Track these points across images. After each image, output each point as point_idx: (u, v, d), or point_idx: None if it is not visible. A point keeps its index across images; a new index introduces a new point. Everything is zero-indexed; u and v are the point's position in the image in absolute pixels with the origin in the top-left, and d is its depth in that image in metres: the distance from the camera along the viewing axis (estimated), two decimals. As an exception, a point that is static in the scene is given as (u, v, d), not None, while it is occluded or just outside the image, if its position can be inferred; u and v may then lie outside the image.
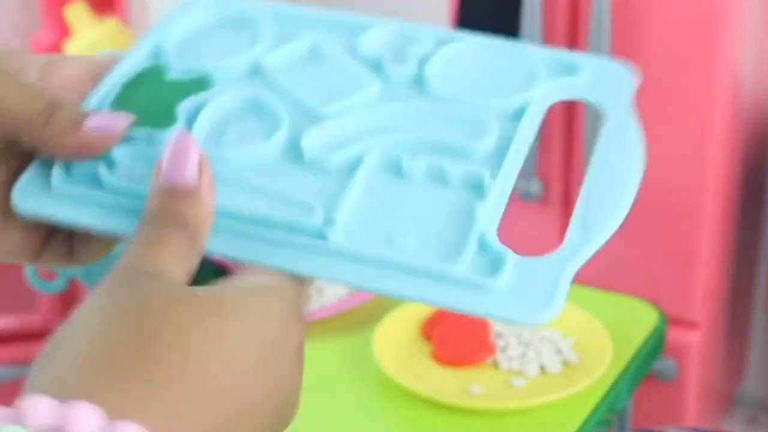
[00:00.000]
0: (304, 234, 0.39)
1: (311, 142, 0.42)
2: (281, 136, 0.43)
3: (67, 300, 1.80)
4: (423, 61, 0.45)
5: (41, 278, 1.48)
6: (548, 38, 1.41)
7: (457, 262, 0.38)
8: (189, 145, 0.38)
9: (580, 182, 1.65)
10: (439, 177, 0.41)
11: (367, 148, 0.42)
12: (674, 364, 1.50)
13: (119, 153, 0.42)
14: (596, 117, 1.38)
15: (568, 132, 1.46)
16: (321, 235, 0.39)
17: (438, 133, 0.42)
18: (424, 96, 0.44)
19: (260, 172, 0.42)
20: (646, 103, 1.52)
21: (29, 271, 1.47)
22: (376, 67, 0.45)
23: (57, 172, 0.41)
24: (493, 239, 0.40)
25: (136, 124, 0.42)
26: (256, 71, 0.45)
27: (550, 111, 0.45)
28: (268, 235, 0.40)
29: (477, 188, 0.41)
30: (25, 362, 1.75)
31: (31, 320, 1.78)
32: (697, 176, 1.39)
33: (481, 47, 0.46)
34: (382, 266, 0.38)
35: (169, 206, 0.37)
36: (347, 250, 0.39)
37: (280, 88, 0.44)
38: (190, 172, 0.38)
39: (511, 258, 0.39)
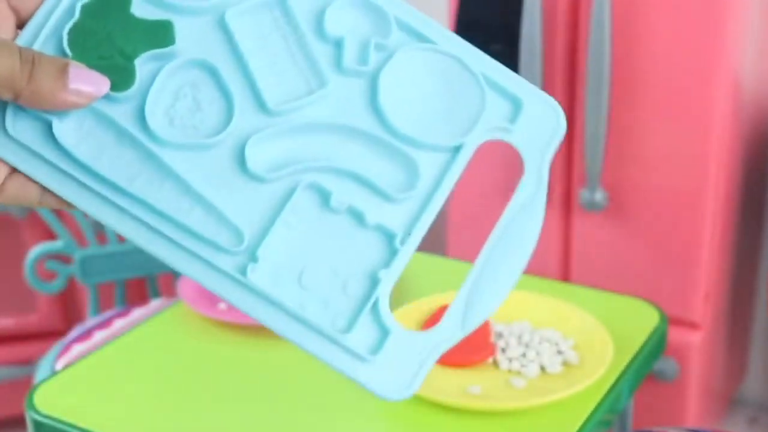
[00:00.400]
0: (226, 261, 0.42)
1: (255, 154, 0.43)
2: (228, 138, 0.43)
3: (66, 300, 1.80)
4: (380, 66, 0.45)
5: (40, 279, 1.48)
6: (548, 39, 1.40)
7: (351, 330, 0.42)
8: None
9: (580, 182, 1.65)
10: (359, 220, 0.43)
11: (304, 174, 0.43)
12: (675, 364, 1.49)
13: None
14: (598, 117, 1.37)
15: (568, 132, 1.46)
16: (242, 271, 0.42)
17: (373, 171, 0.44)
18: (371, 115, 0.44)
19: (202, 173, 0.43)
20: (646, 103, 1.53)
21: (28, 272, 1.47)
22: (336, 53, 0.45)
23: (10, 110, 0.43)
24: (384, 310, 0.43)
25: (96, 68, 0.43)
26: (219, 25, 0.45)
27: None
28: (193, 246, 0.42)
29: (389, 241, 0.43)
30: (24, 362, 1.75)
31: (31, 320, 1.78)
32: (698, 177, 1.39)
33: (439, 62, 0.45)
34: (285, 312, 0.42)
35: None
36: (260, 290, 0.42)
37: (238, 57, 0.45)
38: None
39: (394, 332, 0.42)
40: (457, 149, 0.44)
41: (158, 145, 0.43)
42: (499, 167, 1.51)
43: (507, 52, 1.42)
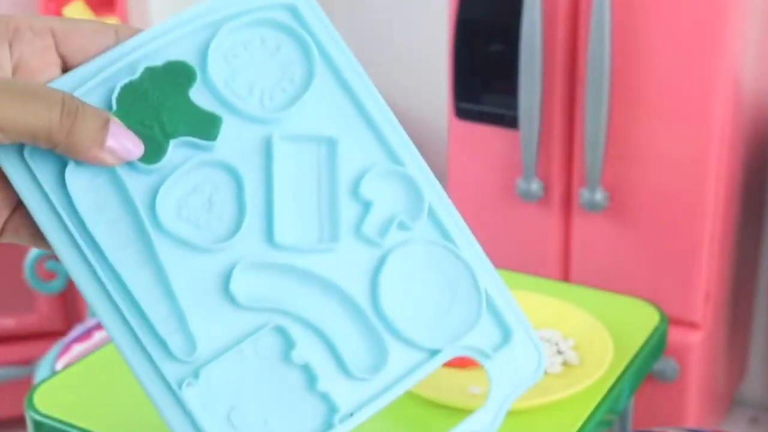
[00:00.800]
0: (168, 365, 0.41)
1: (242, 278, 0.42)
2: (224, 252, 0.42)
3: (66, 300, 1.80)
4: (396, 245, 0.43)
5: (40, 279, 1.48)
6: (548, 39, 1.40)
7: None
8: None
9: (580, 182, 1.65)
10: (311, 381, 0.42)
11: (278, 316, 0.42)
12: (675, 364, 1.49)
13: None
14: (598, 117, 1.37)
15: (568, 132, 1.46)
16: (179, 382, 0.41)
17: (344, 341, 0.42)
18: (367, 288, 0.43)
19: (185, 273, 0.42)
20: (646, 104, 1.53)
21: (28, 272, 1.47)
22: (361, 215, 0.43)
23: None
24: None
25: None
26: (264, 141, 0.43)
27: (550, 111, 0.43)
28: (143, 337, 0.41)
29: (329, 414, 0.42)
30: (24, 362, 1.75)
31: (31, 320, 1.78)
32: (699, 178, 1.39)
33: (451, 265, 0.44)
34: None
35: None
36: (188, 408, 0.40)
37: (268, 179, 0.43)
38: None
39: None
40: (433, 353, 0.43)
41: (156, 229, 0.42)
42: (499, 167, 1.51)
43: (507, 52, 1.42)
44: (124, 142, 0.41)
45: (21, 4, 2.09)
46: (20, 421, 1.10)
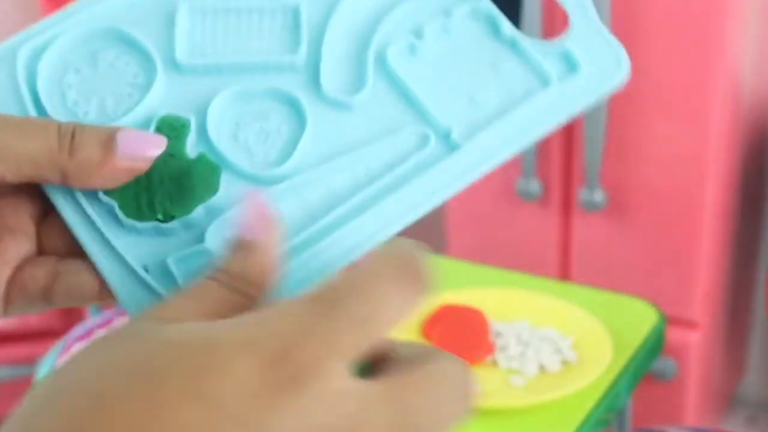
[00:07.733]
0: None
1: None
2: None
3: (68, 300, 1.80)
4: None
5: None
6: (548, 38, 1.41)
7: None
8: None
9: (580, 182, 1.65)
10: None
11: None
12: (674, 363, 1.50)
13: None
14: (598, 117, 1.38)
15: (567, 132, 1.46)
16: None
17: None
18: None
19: None
20: (646, 103, 1.53)
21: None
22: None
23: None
24: None
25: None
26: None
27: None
28: None
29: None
30: (25, 362, 1.76)
31: (31, 320, 1.79)
32: (697, 177, 1.40)
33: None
34: None
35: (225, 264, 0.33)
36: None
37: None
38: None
39: None
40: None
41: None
42: (499, 167, 1.51)
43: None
44: (139, 140, 0.37)
45: (21, 5, 2.09)
46: (22, 420, 1.11)
